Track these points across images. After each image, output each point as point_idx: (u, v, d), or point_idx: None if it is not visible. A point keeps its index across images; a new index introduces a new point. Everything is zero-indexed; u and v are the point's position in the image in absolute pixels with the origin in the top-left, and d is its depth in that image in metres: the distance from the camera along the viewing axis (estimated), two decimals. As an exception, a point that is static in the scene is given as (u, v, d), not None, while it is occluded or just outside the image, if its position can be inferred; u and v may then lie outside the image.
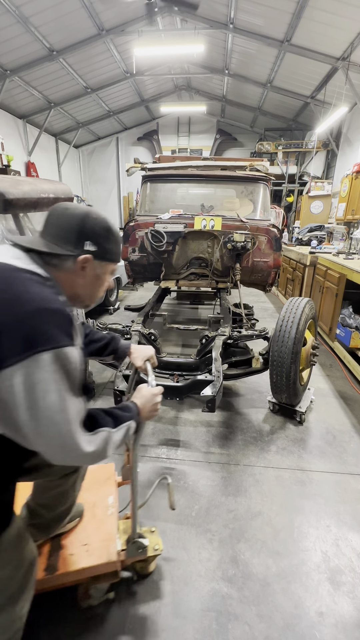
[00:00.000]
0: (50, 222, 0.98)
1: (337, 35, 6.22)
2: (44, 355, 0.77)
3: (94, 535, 1.51)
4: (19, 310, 0.77)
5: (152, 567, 1.63)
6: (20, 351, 0.76)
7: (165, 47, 7.17)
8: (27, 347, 0.76)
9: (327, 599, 1.56)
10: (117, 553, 1.43)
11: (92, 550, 1.43)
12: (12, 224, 3.28)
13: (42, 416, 0.79)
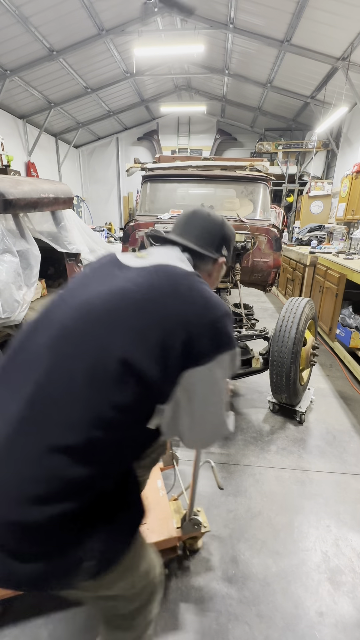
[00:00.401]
0: (192, 225, 1.02)
1: (337, 35, 6.22)
2: (225, 355, 0.85)
3: (152, 515, 1.64)
4: (211, 315, 0.83)
5: (199, 544, 1.77)
6: (210, 352, 0.82)
7: (165, 47, 7.18)
8: (216, 349, 0.83)
9: (327, 599, 1.56)
10: (175, 530, 1.60)
11: (153, 529, 1.58)
12: (12, 224, 3.28)
13: (211, 410, 0.87)
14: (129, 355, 0.73)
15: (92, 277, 0.89)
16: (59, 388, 0.73)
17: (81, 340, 0.75)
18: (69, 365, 0.74)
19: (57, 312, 0.84)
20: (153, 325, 0.76)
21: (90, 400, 0.72)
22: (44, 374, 0.74)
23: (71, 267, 4.20)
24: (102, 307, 0.78)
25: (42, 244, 3.67)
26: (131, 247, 4.11)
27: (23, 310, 3.12)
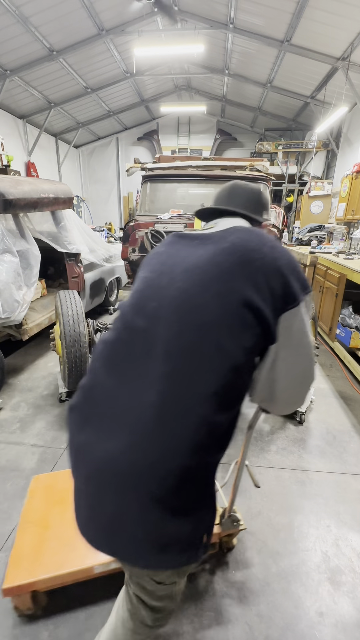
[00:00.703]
0: (236, 195, 1.09)
1: (337, 35, 6.22)
2: (308, 297, 0.89)
3: None
4: (294, 262, 0.88)
5: (234, 542, 1.78)
6: (300, 294, 0.86)
7: (165, 47, 7.17)
8: (303, 290, 0.87)
9: (327, 599, 1.56)
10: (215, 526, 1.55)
11: None
12: (12, 224, 3.28)
13: (303, 352, 0.90)
14: (250, 300, 0.80)
15: (176, 251, 0.95)
16: (196, 342, 0.78)
17: (203, 297, 0.81)
18: (199, 321, 0.79)
19: (160, 285, 0.88)
20: (259, 272, 0.82)
21: (226, 347, 0.78)
22: (176, 337, 0.79)
23: (71, 267, 4.21)
24: (211, 265, 0.84)
25: (42, 244, 3.68)
26: (131, 247, 4.11)
27: (23, 310, 3.12)
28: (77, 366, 2.81)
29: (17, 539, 1.52)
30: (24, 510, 1.65)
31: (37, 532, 1.55)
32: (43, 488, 1.80)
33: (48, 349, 4.25)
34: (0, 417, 2.89)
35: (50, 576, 1.37)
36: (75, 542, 1.43)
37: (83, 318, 2.86)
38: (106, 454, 0.77)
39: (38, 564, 1.41)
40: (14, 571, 1.37)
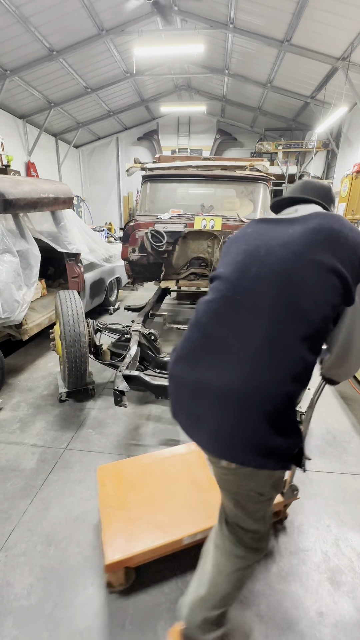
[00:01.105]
0: (310, 189, 1.27)
1: (337, 35, 6.23)
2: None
3: None
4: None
5: (288, 512, 1.93)
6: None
7: (165, 47, 7.18)
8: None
9: (327, 599, 1.55)
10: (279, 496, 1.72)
11: None
12: (12, 224, 3.28)
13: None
14: (336, 267, 0.99)
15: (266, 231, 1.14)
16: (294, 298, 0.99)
17: (300, 264, 1.01)
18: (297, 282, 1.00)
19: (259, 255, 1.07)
20: (342, 248, 1.02)
21: (318, 302, 0.99)
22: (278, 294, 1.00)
23: (71, 267, 4.21)
24: (303, 240, 1.04)
25: (42, 244, 3.67)
26: (131, 247, 4.11)
27: (23, 310, 3.12)
28: (77, 366, 2.81)
29: (103, 523, 1.62)
30: (100, 497, 1.76)
31: (119, 515, 1.66)
32: (110, 476, 1.90)
33: (48, 349, 4.25)
34: (0, 417, 2.89)
35: (146, 549, 1.50)
36: (158, 519, 1.62)
37: (83, 318, 2.86)
38: (226, 384, 0.98)
39: (131, 541, 1.53)
40: (111, 549, 1.49)
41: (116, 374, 2.43)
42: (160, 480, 1.87)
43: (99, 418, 2.88)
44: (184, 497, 1.77)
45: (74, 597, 1.54)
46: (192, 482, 1.87)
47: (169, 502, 1.74)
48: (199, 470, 1.95)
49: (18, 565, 1.68)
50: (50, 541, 1.80)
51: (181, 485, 1.85)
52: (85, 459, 2.40)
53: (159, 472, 1.93)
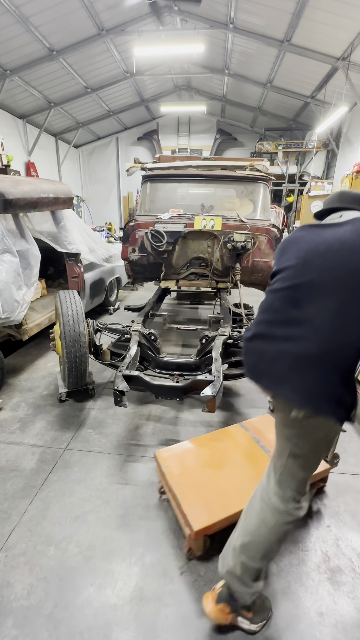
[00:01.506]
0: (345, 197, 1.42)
1: (337, 35, 6.23)
2: None
3: None
4: None
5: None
6: None
7: (165, 47, 7.18)
8: None
9: (327, 599, 1.56)
10: (325, 464, 2.03)
11: None
12: (12, 224, 3.28)
13: None
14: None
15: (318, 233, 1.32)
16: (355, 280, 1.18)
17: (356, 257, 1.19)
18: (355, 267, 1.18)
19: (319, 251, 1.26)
20: None
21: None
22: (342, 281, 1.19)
23: (71, 267, 4.20)
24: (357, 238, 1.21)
25: (42, 244, 3.67)
26: (131, 247, 4.11)
27: (23, 310, 3.12)
28: (77, 366, 2.81)
29: (180, 497, 1.77)
30: (168, 477, 1.90)
31: (192, 490, 1.82)
32: (172, 458, 2.04)
33: (48, 349, 4.25)
34: (0, 417, 2.89)
35: (223, 517, 1.68)
36: (226, 491, 1.81)
37: (83, 318, 2.86)
38: (304, 350, 1.21)
39: (209, 511, 1.70)
40: (195, 518, 1.65)
41: (116, 374, 2.43)
42: (218, 458, 2.06)
43: (99, 418, 2.88)
44: (244, 470, 1.97)
45: (74, 597, 1.54)
46: (247, 457, 2.08)
47: (232, 475, 1.94)
48: (250, 446, 2.17)
49: (18, 565, 1.68)
50: (50, 541, 1.80)
51: (238, 460, 2.05)
52: (85, 459, 2.40)
53: (215, 451, 2.12)
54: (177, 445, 2.18)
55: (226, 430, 2.35)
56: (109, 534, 1.85)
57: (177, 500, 1.76)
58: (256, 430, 2.33)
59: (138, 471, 2.30)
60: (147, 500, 2.06)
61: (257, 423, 2.42)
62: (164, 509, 2.01)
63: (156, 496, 2.09)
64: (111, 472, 2.28)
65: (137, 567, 1.68)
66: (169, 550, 1.77)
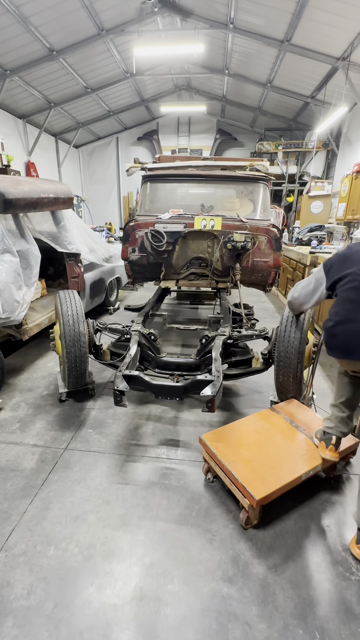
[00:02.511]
0: None
1: (337, 35, 6.22)
2: None
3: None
4: None
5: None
6: None
7: (165, 47, 7.18)
8: None
9: (327, 599, 1.56)
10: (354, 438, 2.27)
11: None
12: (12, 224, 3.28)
13: None
14: None
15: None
16: None
17: None
18: None
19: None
20: None
21: None
22: None
23: (71, 267, 4.21)
24: None
25: (42, 244, 3.67)
26: (131, 247, 4.11)
27: (23, 310, 3.12)
28: (77, 366, 2.81)
29: (235, 472, 1.93)
30: (220, 456, 2.05)
31: (244, 466, 1.98)
32: (217, 440, 2.19)
33: (48, 349, 4.25)
34: (0, 417, 2.89)
35: (278, 487, 1.85)
36: (274, 464, 2.00)
37: (83, 318, 2.86)
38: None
39: (264, 482, 1.87)
40: (254, 488, 1.82)
41: (116, 374, 2.43)
42: (260, 439, 2.24)
43: (99, 418, 2.88)
44: (285, 447, 2.17)
45: (74, 597, 1.54)
46: (285, 436, 2.27)
47: (276, 451, 2.12)
48: (286, 427, 2.36)
49: (18, 565, 1.68)
50: (50, 541, 1.80)
51: (278, 439, 2.24)
52: (85, 459, 2.41)
53: (255, 433, 2.30)
54: (219, 429, 2.33)
55: (260, 414, 2.52)
56: (109, 533, 1.85)
57: (233, 476, 1.92)
58: (287, 413, 2.51)
59: (138, 471, 2.30)
60: (147, 500, 2.07)
61: (285, 407, 2.61)
62: (164, 509, 2.01)
63: (156, 496, 2.09)
64: (111, 472, 2.28)
65: (137, 567, 1.68)
66: (169, 550, 1.77)
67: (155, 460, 2.41)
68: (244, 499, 1.85)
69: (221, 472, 2.05)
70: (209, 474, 2.22)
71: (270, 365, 2.95)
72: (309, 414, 2.50)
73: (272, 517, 1.98)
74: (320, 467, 2.04)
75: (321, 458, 2.03)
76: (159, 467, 2.34)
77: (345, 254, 1.88)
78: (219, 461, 2.03)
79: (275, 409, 2.57)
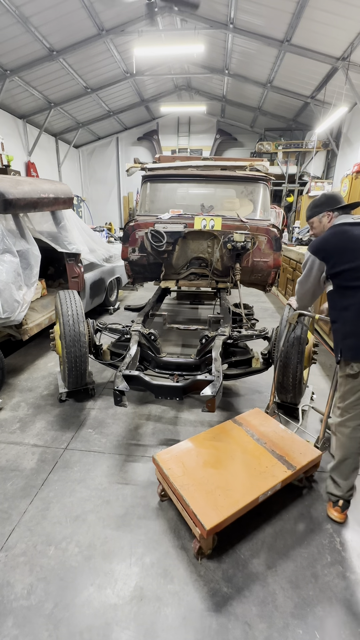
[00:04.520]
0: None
1: (337, 35, 6.22)
2: None
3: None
4: None
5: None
6: None
7: (165, 47, 7.17)
8: None
9: (327, 599, 1.56)
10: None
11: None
12: (12, 224, 3.28)
13: None
14: None
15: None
16: None
17: None
18: None
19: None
20: None
21: None
22: None
23: (71, 267, 4.20)
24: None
25: (42, 244, 3.67)
26: (131, 247, 4.11)
27: (23, 310, 3.12)
28: (77, 366, 2.81)
29: (187, 499, 1.77)
30: (172, 479, 1.91)
31: (197, 489, 1.83)
32: (171, 460, 2.05)
33: (48, 349, 4.25)
34: (0, 417, 2.89)
35: (233, 512, 1.70)
36: (230, 486, 1.85)
37: (83, 318, 2.86)
38: None
39: (217, 508, 1.72)
40: (205, 518, 1.66)
41: (116, 374, 2.43)
42: (217, 455, 2.10)
43: (99, 418, 2.88)
44: (244, 464, 2.02)
45: (74, 597, 1.54)
46: (244, 451, 2.13)
47: (233, 470, 1.97)
48: (246, 440, 2.23)
49: (18, 565, 1.68)
50: (50, 541, 1.80)
51: (237, 455, 2.10)
52: (85, 458, 2.41)
53: (213, 449, 2.15)
54: (175, 447, 2.17)
55: (220, 427, 2.38)
56: (109, 533, 1.85)
57: (184, 501, 1.77)
58: (249, 425, 2.38)
59: (138, 471, 2.30)
60: (147, 500, 2.07)
61: (248, 417, 2.47)
62: (164, 509, 2.01)
63: (156, 496, 2.09)
64: (111, 472, 2.28)
65: (137, 567, 1.68)
66: (169, 550, 1.77)
67: (155, 460, 2.41)
68: (195, 527, 1.71)
69: (174, 496, 1.91)
70: (164, 497, 2.05)
71: (270, 365, 2.95)
72: (272, 425, 2.38)
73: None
74: (280, 486, 1.91)
75: (281, 476, 1.92)
76: (159, 467, 2.34)
77: (344, 245, 1.79)
78: (171, 484, 1.88)
79: (237, 420, 2.45)
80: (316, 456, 2.10)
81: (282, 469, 1.97)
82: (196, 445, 2.18)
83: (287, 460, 2.04)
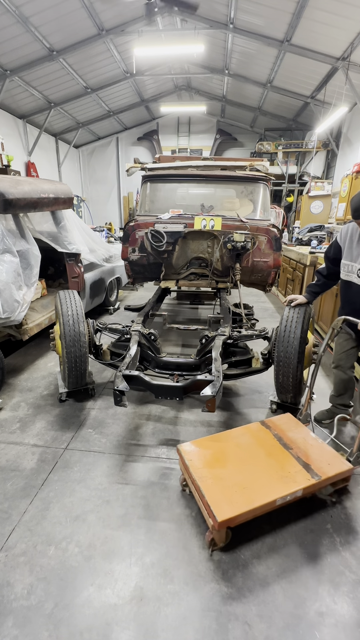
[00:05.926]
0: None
1: (337, 35, 6.22)
2: None
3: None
4: None
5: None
6: None
7: (165, 47, 7.18)
8: None
9: (327, 599, 1.56)
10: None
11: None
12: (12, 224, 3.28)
13: None
14: None
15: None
16: None
17: None
18: None
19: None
20: None
21: None
22: None
23: (71, 267, 4.20)
24: None
25: (42, 244, 3.67)
26: (131, 247, 4.10)
27: (23, 310, 3.12)
28: (77, 366, 2.81)
29: (204, 490, 1.80)
30: (192, 469, 1.96)
31: (215, 483, 1.86)
32: (194, 452, 2.10)
33: (48, 349, 4.25)
34: (0, 417, 2.89)
35: (246, 510, 1.71)
36: (249, 485, 1.85)
37: (83, 318, 2.86)
38: None
39: (232, 503, 1.73)
40: (218, 510, 1.68)
41: (116, 374, 2.43)
42: (240, 453, 2.11)
43: (99, 418, 2.88)
44: (266, 466, 2.01)
45: (74, 597, 1.54)
46: (268, 454, 2.11)
47: (254, 470, 1.97)
48: (272, 444, 2.21)
49: (18, 565, 1.68)
50: (50, 541, 1.80)
51: (260, 456, 2.09)
52: (85, 458, 2.41)
53: (237, 447, 2.17)
54: (199, 440, 2.23)
55: (247, 427, 2.40)
56: (109, 533, 1.85)
57: (201, 492, 1.81)
58: (277, 429, 2.36)
59: (138, 471, 2.30)
60: (147, 500, 2.07)
61: (277, 421, 2.46)
62: (165, 509, 2.01)
63: (156, 496, 2.09)
64: (111, 472, 2.29)
65: (137, 566, 1.68)
66: (170, 550, 1.77)
67: (155, 460, 2.41)
68: (208, 518, 1.75)
69: (192, 486, 1.96)
70: (185, 487, 2.12)
71: (270, 365, 2.95)
72: (301, 432, 2.31)
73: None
74: (302, 493, 1.86)
75: (303, 483, 1.86)
76: (159, 467, 2.34)
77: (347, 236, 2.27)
78: (191, 474, 1.94)
79: (266, 423, 2.43)
80: (346, 469, 2.01)
81: (306, 477, 1.92)
82: (220, 441, 2.22)
83: (312, 469, 1.98)
